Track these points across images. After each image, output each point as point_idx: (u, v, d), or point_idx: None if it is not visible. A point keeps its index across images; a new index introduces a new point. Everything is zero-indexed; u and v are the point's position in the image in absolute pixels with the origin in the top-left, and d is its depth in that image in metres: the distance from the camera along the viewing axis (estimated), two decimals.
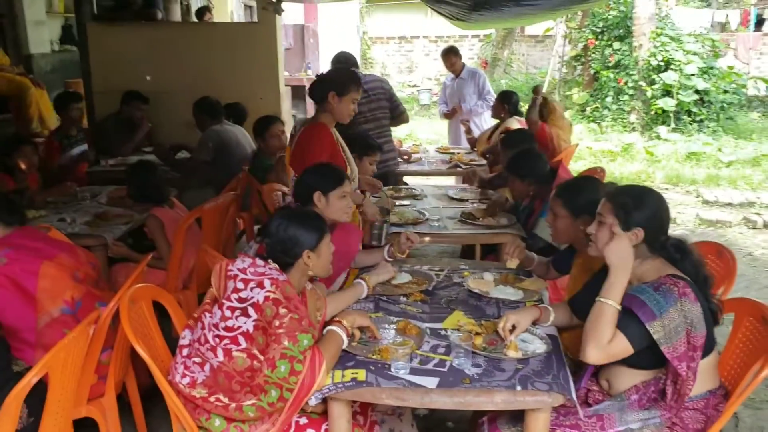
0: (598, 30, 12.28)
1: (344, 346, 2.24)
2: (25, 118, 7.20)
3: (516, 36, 17.53)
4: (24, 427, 2.11)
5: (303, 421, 2.24)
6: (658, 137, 10.66)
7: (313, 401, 2.13)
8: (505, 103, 5.61)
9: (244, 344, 2.09)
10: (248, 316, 2.10)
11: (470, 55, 18.71)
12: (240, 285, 2.14)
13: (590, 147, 10.10)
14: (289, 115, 7.52)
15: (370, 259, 3.15)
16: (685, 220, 7.13)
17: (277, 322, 2.08)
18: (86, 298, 2.62)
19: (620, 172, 9.04)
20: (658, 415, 2.17)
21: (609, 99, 11.82)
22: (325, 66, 10.84)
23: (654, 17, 11.40)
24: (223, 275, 2.21)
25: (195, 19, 9.82)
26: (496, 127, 5.71)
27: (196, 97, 5.62)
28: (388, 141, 5.22)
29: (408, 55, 19.18)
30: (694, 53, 11.09)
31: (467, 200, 4.38)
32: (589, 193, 2.74)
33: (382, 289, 2.85)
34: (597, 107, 12.06)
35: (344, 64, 4.94)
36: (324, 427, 2.23)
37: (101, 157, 5.48)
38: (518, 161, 3.82)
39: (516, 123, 5.45)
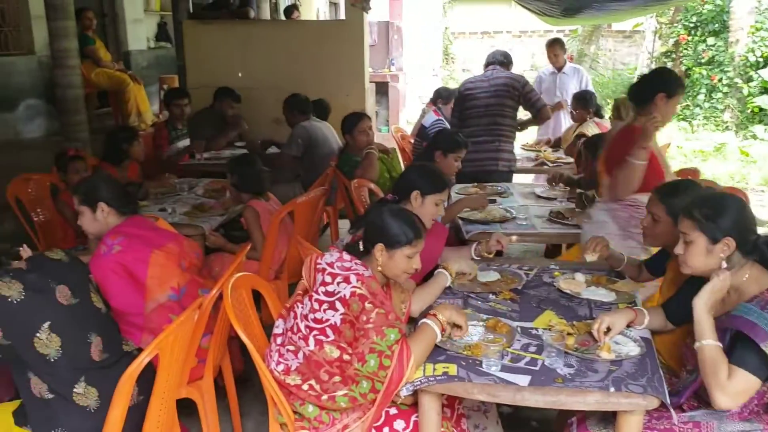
0: (691, 25, 11.84)
1: (437, 341, 2.27)
2: (124, 113, 7.57)
3: (603, 31, 17.08)
4: (135, 404, 2.25)
5: (393, 411, 2.30)
6: (754, 137, 10.19)
7: (404, 392, 2.17)
8: (590, 106, 5.52)
9: (332, 336, 2.16)
10: (336, 310, 2.16)
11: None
12: (327, 279, 2.21)
13: (681, 146, 9.76)
14: (373, 111, 7.61)
15: (459, 255, 3.17)
16: None
17: (364, 318, 2.14)
18: (190, 285, 2.76)
19: (713, 172, 8.69)
20: (760, 429, 2.11)
21: (701, 97, 11.38)
22: (408, 62, 10.90)
23: (753, 11, 10.88)
24: (313, 267, 2.30)
25: (283, 17, 10.06)
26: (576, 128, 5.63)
27: (283, 94, 5.77)
28: (496, 139, 5.05)
29: (491, 50, 18.96)
30: None
31: (555, 198, 4.33)
32: (688, 195, 2.67)
33: (470, 287, 2.87)
34: (688, 105, 11.63)
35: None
36: (413, 418, 2.28)
37: (194, 149, 5.69)
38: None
39: (594, 126, 5.35)
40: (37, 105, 7.14)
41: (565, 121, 6.82)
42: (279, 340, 2.29)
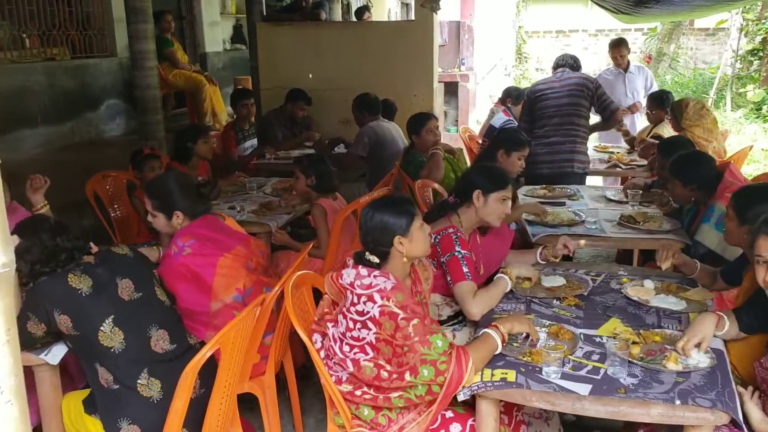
0: None
1: (497, 352, 2.23)
2: (200, 113, 7.79)
3: (684, 29, 16.45)
4: (196, 396, 2.31)
5: (449, 414, 2.28)
6: None
7: (461, 397, 2.15)
8: (666, 106, 5.33)
9: (371, 354, 2.15)
10: (369, 329, 2.15)
11: (633, 49, 17.80)
12: (354, 299, 2.18)
13: (765, 149, 9.29)
14: (441, 111, 7.58)
15: (522, 260, 3.12)
16: None
17: (400, 334, 2.11)
18: (256, 285, 2.81)
19: None
20: None
21: None
22: (479, 61, 10.79)
23: None
24: (337, 285, 2.28)
25: (354, 18, 10.13)
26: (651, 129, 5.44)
27: (352, 95, 5.81)
28: (570, 140, 4.90)
29: (565, 50, 18.52)
30: None
31: (626, 202, 4.19)
32: (759, 201, 2.55)
33: (533, 292, 2.81)
34: None
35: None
36: (470, 422, 2.25)
37: (265, 150, 5.79)
38: (682, 164, 3.60)
39: (669, 127, 5.16)
40: (117, 105, 7.47)
41: (638, 122, 6.61)
42: (322, 354, 2.29)
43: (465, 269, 2.72)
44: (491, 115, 6.22)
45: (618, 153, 5.68)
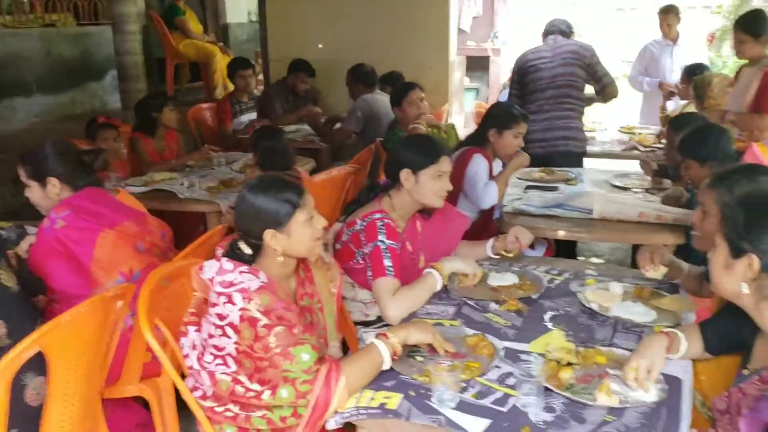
0: None
1: (385, 368, 1.79)
2: (210, 85, 7.50)
3: (756, 6, 15.25)
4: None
5: None
6: None
7: (332, 425, 1.72)
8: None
9: (233, 367, 1.74)
10: (229, 337, 1.73)
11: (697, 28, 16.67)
12: (213, 298, 1.77)
13: None
14: (460, 86, 7.03)
15: (474, 252, 2.64)
16: None
17: (260, 345, 1.69)
18: (147, 270, 2.41)
19: None
20: None
21: None
22: (516, 36, 10.10)
23: None
24: (200, 279, 1.86)
25: None
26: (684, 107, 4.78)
27: (368, 64, 5.40)
28: (566, 114, 4.38)
29: (627, 27, 17.58)
30: None
31: (630, 189, 3.62)
32: (755, 187, 2.00)
33: (472, 292, 2.34)
34: None
35: None
36: None
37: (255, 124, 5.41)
38: (695, 140, 3.00)
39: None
40: None
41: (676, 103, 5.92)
42: (187, 362, 1.89)
43: (387, 263, 2.27)
44: (502, 89, 5.66)
45: (641, 134, 5.04)
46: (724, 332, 1.78)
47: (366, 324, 2.48)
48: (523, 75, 4.42)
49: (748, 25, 3.82)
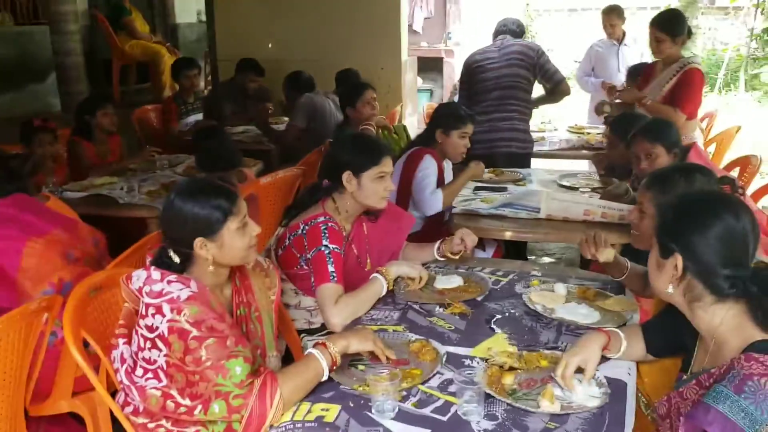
0: None
1: (324, 379, 1.73)
2: (158, 86, 7.34)
3: (703, 8, 15.60)
4: None
5: None
6: None
7: None
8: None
9: (164, 381, 1.66)
10: (159, 350, 1.65)
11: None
12: (143, 310, 1.68)
13: None
14: (413, 87, 7.00)
15: (421, 255, 2.60)
16: None
17: (190, 358, 1.61)
18: (78, 279, 2.30)
19: None
20: None
21: None
22: (474, 37, 10.15)
23: None
24: (129, 289, 1.77)
25: None
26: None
27: (315, 67, 5.36)
28: (509, 116, 4.37)
29: (578, 29, 17.83)
30: None
31: (578, 188, 3.63)
32: (691, 188, 2.01)
33: (418, 295, 2.30)
34: None
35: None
36: None
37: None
38: (661, 125, 3.00)
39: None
40: None
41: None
42: (117, 377, 1.80)
43: (331, 268, 2.21)
44: (454, 90, 5.65)
45: (591, 134, 5.08)
46: (666, 334, 1.77)
47: (311, 332, 2.41)
48: (471, 75, 4.41)
49: (666, 25, 3.87)
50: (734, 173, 3.73)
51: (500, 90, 4.28)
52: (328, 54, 6.16)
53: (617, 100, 4.32)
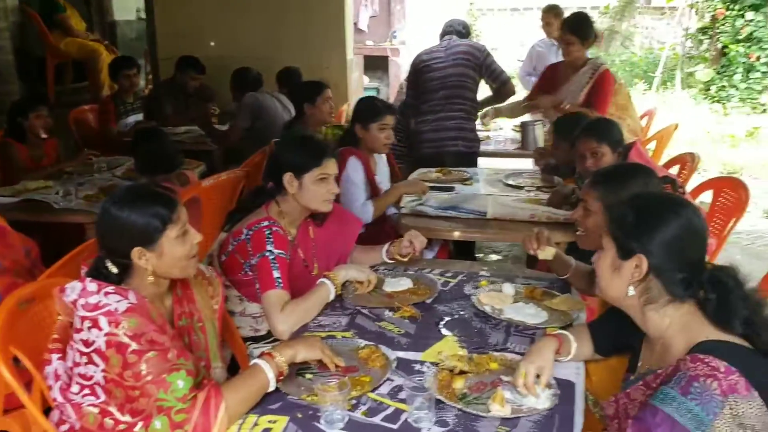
0: None
1: (271, 389, 1.68)
2: (96, 85, 7.10)
3: (640, 8, 16.02)
4: None
5: None
6: None
7: None
8: None
9: (102, 397, 1.58)
10: (96, 365, 1.57)
11: None
12: (78, 323, 1.60)
13: (708, 131, 8.89)
14: (359, 86, 6.97)
15: (369, 258, 2.57)
16: None
17: (130, 373, 1.54)
18: (8, 291, 2.18)
19: (742, 160, 7.84)
20: None
21: (737, 77, 10.40)
22: (418, 36, 10.18)
23: None
24: (63, 302, 1.69)
25: None
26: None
27: (259, 64, 5.25)
28: (456, 115, 4.36)
29: (521, 28, 18.10)
30: None
31: (523, 188, 3.66)
32: (636, 187, 2.03)
33: (366, 299, 2.26)
34: (723, 86, 10.66)
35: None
36: None
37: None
38: (606, 125, 3.04)
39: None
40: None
41: None
42: (51, 394, 1.71)
43: (276, 274, 2.15)
44: (401, 89, 5.64)
45: (486, 125, 5.08)
46: (612, 334, 1.78)
47: (257, 339, 2.35)
48: (418, 75, 4.41)
49: (576, 27, 3.95)
50: (674, 170, 3.83)
51: (446, 89, 4.28)
52: (272, 52, 6.07)
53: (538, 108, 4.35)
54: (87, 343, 1.58)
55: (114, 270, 1.70)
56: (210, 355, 1.90)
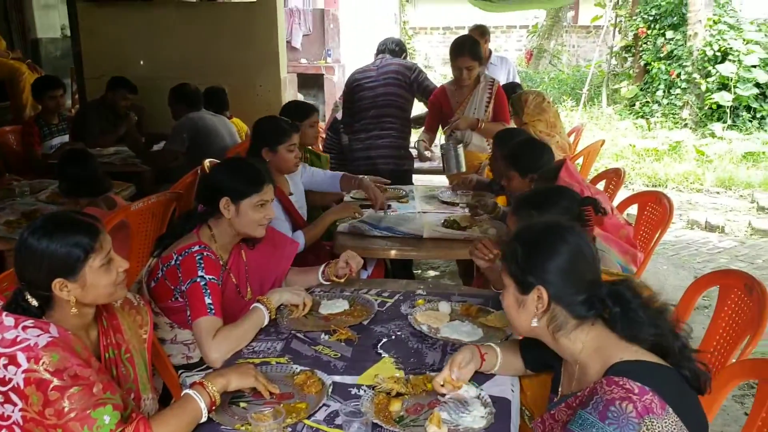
0: (650, 18, 11.30)
1: (203, 420, 1.63)
2: (18, 105, 6.84)
3: (567, 27, 16.56)
4: None
5: None
6: (713, 135, 9.66)
7: None
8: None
9: None
10: (14, 404, 1.49)
11: (518, 46, 17.83)
12: None
13: (633, 145, 9.22)
14: None
15: (305, 280, 2.54)
16: (735, 229, 6.27)
17: (51, 411, 1.47)
18: None
19: (665, 173, 8.16)
20: None
21: (660, 93, 10.84)
22: (353, 54, 10.24)
23: (711, 3, 10.38)
24: None
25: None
26: None
27: (194, 84, 5.13)
28: (387, 134, 4.43)
29: None
30: (756, 43, 10.01)
31: (458, 204, 3.70)
32: (557, 211, 2.08)
33: (302, 322, 2.23)
34: (647, 102, 11.10)
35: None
36: None
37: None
38: (519, 151, 3.11)
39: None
40: None
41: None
42: None
43: (207, 300, 2.10)
44: (335, 107, 5.65)
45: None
46: (539, 350, 1.80)
47: (189, 367, 2.28)
48: (351, 94, 4.44)
49: (475, 53, 4.10)
50: (601, 185, 3.94)
51: (377, 108, 4.33)
52: (204, 71, 5.99)
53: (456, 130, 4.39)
54: (3, 382, 1.50)
55: (34, 303, 1.62)
56: (139, 387, 1.83)
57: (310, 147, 4.07)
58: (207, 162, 3.97)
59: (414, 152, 4.70)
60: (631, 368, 1.38)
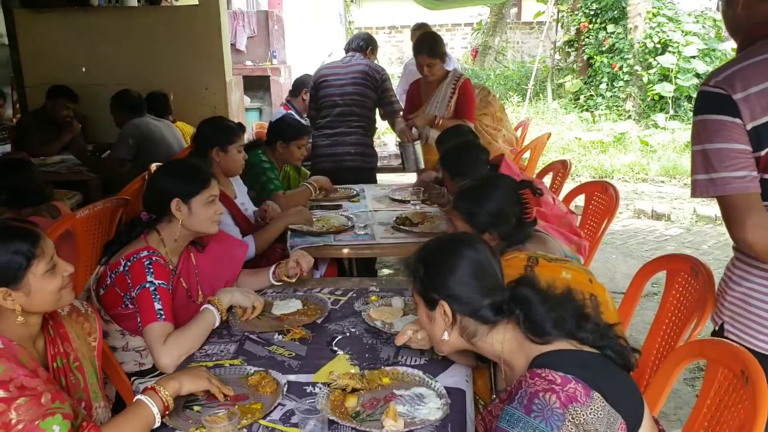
0: (592, 12, 11.57)
1: (156, 426, 1.61)
2: None
3: (510, 24, 16.80)
4: None
5: None
6: (656, 125, 9.95)
7: None
8: None
9: None
10: None
11: (464, 44, 18.02)
12: None
13: (579, 138, 9.42)
14: (240, 106, 6.88)
15: (256, 281, 2.52)
16: (680, 217, 6.47)
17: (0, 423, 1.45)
18: None
19: (611, 164, 8.37)
20: None
21: (603, 86, 11.12)
22: (298, 55, 10.20)
23: None
24: None
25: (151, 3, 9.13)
26: None
27: (137, 89, 5.04)
28: (353, 131, 4.44)
29: (399, 46, 18.53)
30: (694, 34, 10.35)
31: (408, 201, 3.73)
32: (492, 202, 2.13)
33: (254, 324, 2.22)
34: (591, 95, 11.36)
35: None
36: None
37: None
38: (449, 155, 3.18)
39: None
40: None
41: None
42: None
43: (157, 305, 2.07)
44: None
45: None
46: None
47: (142, 374, 2.25)
48: (317, 90, 4.48)
49: (435, 49, 4.11)
50: (548, 178, 4.03)
51: (344, 106, 4.37)
52: (148, 76, 5.88)
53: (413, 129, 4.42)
54: None
55: None
56: (90, 395, 1.80)
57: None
58: (154, 166, 3.91)
59: (378, 150, 4.75)
60: (552, 359, 1.41)
